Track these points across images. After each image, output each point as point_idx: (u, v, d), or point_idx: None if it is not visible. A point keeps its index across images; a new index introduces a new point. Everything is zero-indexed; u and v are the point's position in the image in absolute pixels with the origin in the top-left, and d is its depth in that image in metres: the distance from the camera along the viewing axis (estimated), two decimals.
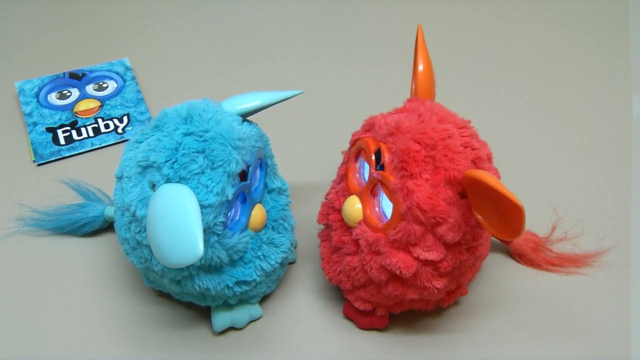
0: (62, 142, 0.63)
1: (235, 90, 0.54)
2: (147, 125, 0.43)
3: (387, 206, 0.42)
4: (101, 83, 0.70)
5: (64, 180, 0.58)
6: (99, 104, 0.68)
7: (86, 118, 0.66)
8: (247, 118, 0.45)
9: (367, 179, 0.43)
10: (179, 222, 0.36)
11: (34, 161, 0.62)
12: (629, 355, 0.47)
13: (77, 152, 0.63)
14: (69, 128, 0.65)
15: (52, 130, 0.64)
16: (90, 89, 0.69)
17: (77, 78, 0.70)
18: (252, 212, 0.44)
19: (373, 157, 0.42)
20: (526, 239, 0.53)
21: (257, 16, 0.83)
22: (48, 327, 0.48)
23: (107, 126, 0.65)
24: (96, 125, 0.65)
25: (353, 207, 0.43)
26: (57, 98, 0.68)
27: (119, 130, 0.65)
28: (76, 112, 0.66)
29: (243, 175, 0.42)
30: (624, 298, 0.51)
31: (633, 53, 0.77)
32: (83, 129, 0.65)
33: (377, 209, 0.42)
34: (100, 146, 0.63)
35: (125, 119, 0.66)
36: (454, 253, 0.39)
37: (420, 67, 0.45)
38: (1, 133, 0.65)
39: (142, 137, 0.42)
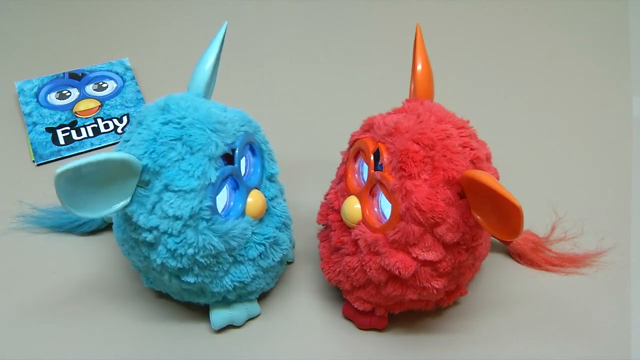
0: (62, 142, 0.63)
1: (234, 90, 0.54)
2: (133, 122, 0.43)
3: (386, 206, 0.42)
4: (101, 83, 0.70)
5: None
6: (99, 104, 0.68)
7: (86, 118, 0.66)
8: (240, 108, 0.45)
9: (366, 180, 0.43)
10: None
11: (34, 161, 0.62)
12: (629, 355, 0.47)
13: (76, 152, 0.63)
14: (68, 128, 0.65)
15: (51, 130, 0.64)
16: (90, 89, 0.69)
17: (76, 78, 0.70)
18: (250, 199, 0.43)
19: (372, 158, 0.42)
20: (526, 239, 0.53)
21: (257, 16, 0.83)
22: (48, 327, 0.48)
23: (106, 126, 0.65)
24: (96, 125, 0.65)
25: (352, 207, 0.43)
26: (57, 98, 0.68)
27: (119, 130, 0.65)
28: (76, 112, 0.66)
29: (231, 160, 0.42)
30: (624, 298, 0.51)
31: (633, 53, 0.77)
32: (83, 129, 0.65)
33: (376, 209, 0.42)
34: (100, 146, 0.63)
35: (125, 119, 0.66)
36: (453, 253, 0.39)
37: (419, 67, 0.45)
38: (1, 133, 0.65)
39: (129, 136, 0.42)
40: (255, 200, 0.43)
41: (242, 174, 0.44)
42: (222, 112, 0.42)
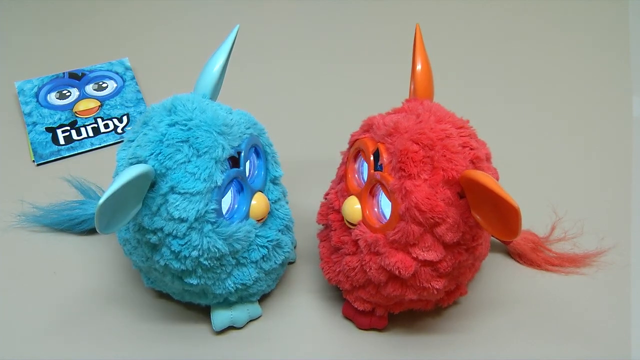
0: (62, 142, 0.63)
1: (235, 89, 0.54)
2: (137, 122, 0.43)
3: (386, 206, 0.42)
4: (101, 83, 0.70)
5: (66, 178, 0.58)
6: (99, 103, 0.68)
7: (86, 118, 0.66)
8: (240, 108, 0.45)
9: (366, 180, 0.43)
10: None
11: (34, 161, 0.62)
12: (629, 355, 0.47)
13: (76, 152, 0.63)
14: (68, 128, 0.65)
15: (51, 130, 0.64)
16: (89, 88, 0.69)
17: (76, 78, 0.70)
18: (254, 202, 0.43)
19: (372, 158, 0.42)
20: (526, 238, 0.53)
21: (257, 16, 0.83)
22: (47, 327, 0.48)
23: (106, 126, 0.65)
24: (96, 125, 0.65)
25: (352, 207, 0.43)
26: (57, 98, 0.68)
27: (119, 130, 0.65)
28: (76, 112, 0.66)
29: (236, 163, 0.42)
30: (624, 298, 0.51)
31: (633, 53, 0.77)
32: (82, 129, 0.65)
33: (376, 209, 0.42)
34: (99, 146, 0.63)
35: (124, 118, 0.66)
36: (453, 253, 0.39)
37: (419, 67, 0.45)
38: (1, 133, 0.65)
39: (134, 136, 0.42)
40: (258, 202, 0.43)
41: (247, 176, 0.44)
42: (228, 114, 0.42)
